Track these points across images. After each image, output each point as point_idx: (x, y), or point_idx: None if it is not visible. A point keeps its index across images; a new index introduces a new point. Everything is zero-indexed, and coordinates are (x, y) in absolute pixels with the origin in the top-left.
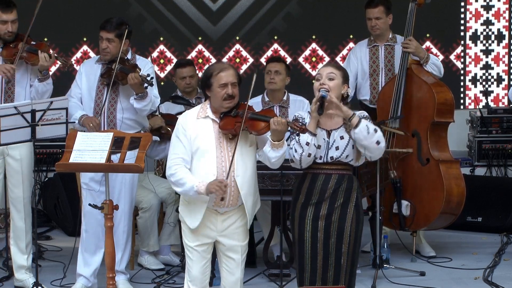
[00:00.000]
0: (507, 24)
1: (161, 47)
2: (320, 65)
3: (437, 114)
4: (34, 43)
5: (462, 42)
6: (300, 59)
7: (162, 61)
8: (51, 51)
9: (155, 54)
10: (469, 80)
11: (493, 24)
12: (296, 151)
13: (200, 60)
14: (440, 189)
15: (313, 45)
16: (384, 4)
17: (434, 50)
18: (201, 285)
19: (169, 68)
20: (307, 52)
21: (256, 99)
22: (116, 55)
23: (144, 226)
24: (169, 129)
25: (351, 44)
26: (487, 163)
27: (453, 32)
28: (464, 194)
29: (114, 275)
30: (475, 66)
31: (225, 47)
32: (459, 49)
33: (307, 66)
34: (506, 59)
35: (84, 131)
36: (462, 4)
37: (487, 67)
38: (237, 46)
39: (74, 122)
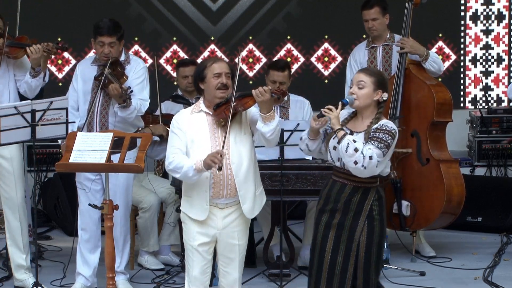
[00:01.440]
0: (507, 4)
1: (162, 47)
2: (332, 65)
3: (436, 113)
4: (13, 37)
5: (462, 41)
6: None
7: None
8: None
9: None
10: (469, 60)
11: (493, 4)
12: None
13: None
14: (440, 189)
15: (326, 45)
16: (379, 4)
17: (447, 50)
18: (201, 286)
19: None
20: (319, 52)
21: None
22: (115, 56)
23: (144, 226)
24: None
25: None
26: (487, 163)
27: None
28: (464, 194)
29: (114, 275)
30: (475, 46)
31: (224, 46)
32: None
33: (319, 65)
34: (506, 39)
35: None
36: None
37: (487, 47)
38: (236, 46)
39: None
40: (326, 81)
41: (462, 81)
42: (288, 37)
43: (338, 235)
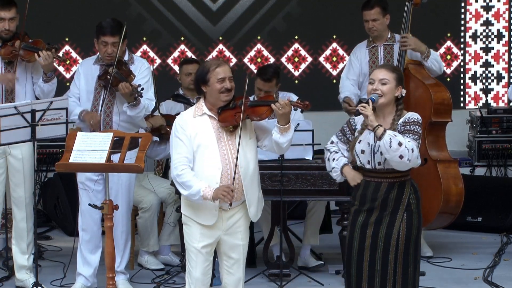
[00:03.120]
0: None
1: (160, 47)
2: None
3: (434, 113)
4: (31, 41)
5: (462, 40)
6: (283, 59)
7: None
8: (47, 51)
9: (154, 54)
10: (470, 37)
11: None
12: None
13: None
14: (438, 189)
15: (296, 45)
16: (380, 5)
17: (455, 50)
18: (203, 286)
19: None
20: (328, 52)
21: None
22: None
23: (144, 226)
24: (169, 129)
25: (334, 45)
26: (487, 163)
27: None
28: (462, 194)
29: (114, 275)
30: (475, 22)
31: (224, 47)
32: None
33: (289, 66)
34: (506, 15)
35: (81, 130)
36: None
37: (487, 23)
38: (236, 46)
39: (74, 118)
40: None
41: (462, 58)
42: (296, 37)
43: (376, 232)
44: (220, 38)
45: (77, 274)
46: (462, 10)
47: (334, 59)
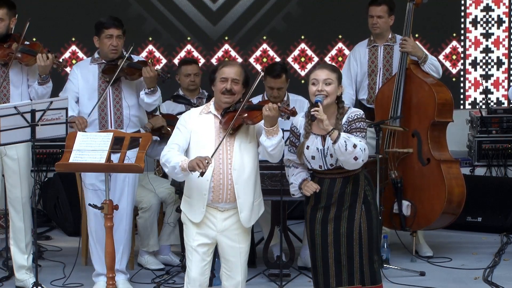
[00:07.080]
0: (507, 10)
1: (160, 47)
2: (308, 65)
3: (437, 114)
4: (27, 43)
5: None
6: (289, 59)
7: (150, 60)
8: (47, 53)
9: (153, 53)
10: (470, 22)
11: (493, 10)
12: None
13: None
14: (441, 189)
15: (302, 45)
16: (388, 4)
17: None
18: (200, 287)
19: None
20: (295, 52)
21: (257, 98)
22: (120, 53)
23: (144, 226)
24: (169, 129)
25: (339, 44)
26: (487, 163)
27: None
28: (464, 194)
29: (114, 275)
30: (475, 50)
31: (224, 47)
32: (447, 50)
33: (296, 66)
34: (506, 43)
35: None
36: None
37: (487, 50)
38: (235, 46)
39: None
40: None
41: (462, 85)
42: (302, 37)
43: (337, 228)
44: (226, 38)
45: (96, 275)
46: (462, 38)
47: (340, 59)
